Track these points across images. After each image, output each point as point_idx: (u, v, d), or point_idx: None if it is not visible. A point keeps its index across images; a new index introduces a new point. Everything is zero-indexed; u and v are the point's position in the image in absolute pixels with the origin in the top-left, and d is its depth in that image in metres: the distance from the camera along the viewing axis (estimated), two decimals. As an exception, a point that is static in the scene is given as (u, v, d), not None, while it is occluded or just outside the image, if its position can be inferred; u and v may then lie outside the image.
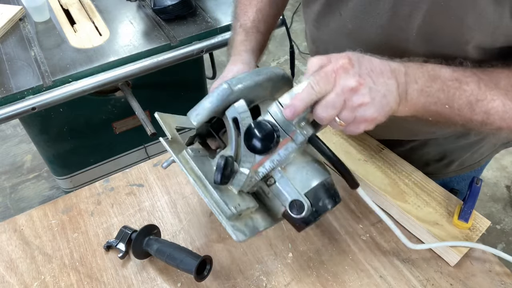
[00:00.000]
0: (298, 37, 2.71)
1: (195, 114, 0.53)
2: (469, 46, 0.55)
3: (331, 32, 0.71)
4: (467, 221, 0.65)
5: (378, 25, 0.61)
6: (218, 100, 0.51)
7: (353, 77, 0.48)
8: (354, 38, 0.66)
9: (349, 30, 0.66)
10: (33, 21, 1.22)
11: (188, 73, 1.39)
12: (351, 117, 0.49)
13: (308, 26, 0.78)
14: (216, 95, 0.51)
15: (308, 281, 0.63)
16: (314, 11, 0.72)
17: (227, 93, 0.51)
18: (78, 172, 1.43)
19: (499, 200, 1.95)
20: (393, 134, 0.82)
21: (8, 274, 0.66)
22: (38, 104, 1.02)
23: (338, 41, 0.70)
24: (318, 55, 0.80)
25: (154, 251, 0.64)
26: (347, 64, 0.48)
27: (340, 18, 0.67)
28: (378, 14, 0.60)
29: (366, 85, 0.48)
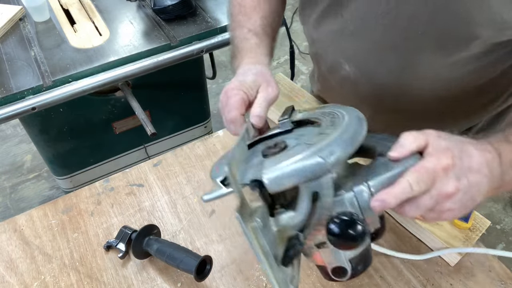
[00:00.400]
0: (298, 37, 2.71)
1: (274, 179, 0.43)
2: (476, 42, 0.55)
3: (331, 34, 0.71)
4: (467, 221, 0.65)
5: (382, 25, 0.61)
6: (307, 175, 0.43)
7: (452, 181, 0.44)
8: (357, 39, 0.66)
9: (351, 32, 0.66)
10: (33, 21, 1.22)
11: (188, 73, 1.39)
12: (433, 217, 0.46)
13: (307, 28, 0.78)
14: (307, 168, 0.43)
15: (308, 281, 0.63)
16: (314, 13, 0.72)
17: (322, 170, 0.43)
18: (78, 172, 1.43)
19: (499, 200, 1.94)
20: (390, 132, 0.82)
21: (8, 274, 0.66)
22: (38, 104, 1.02)
23: (339, 42, 0.70)
24: (318, 56, 0.80)
25: (154, 251, 0.64)
26: (450, 165, 0.44)
27: (342, 20, 0.66)
28: (381, 15, 0.60)
29: (462, 190, 0.44)
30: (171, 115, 1.47)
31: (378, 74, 0.68)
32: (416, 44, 0.59)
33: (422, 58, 0.61)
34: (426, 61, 0.61)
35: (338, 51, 0.71)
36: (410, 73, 0.64)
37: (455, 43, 0.56)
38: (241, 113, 0.58)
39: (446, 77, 0.63)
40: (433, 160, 0.43)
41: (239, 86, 0.59)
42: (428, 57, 0.60)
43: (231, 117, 0.58)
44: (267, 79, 0.62)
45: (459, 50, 0.57)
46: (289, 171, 0.43)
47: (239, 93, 0.59)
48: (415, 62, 0.62)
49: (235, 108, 0.58)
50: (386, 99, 0.72)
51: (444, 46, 0.58)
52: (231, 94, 0.59)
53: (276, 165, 0.44)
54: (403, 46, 0.61)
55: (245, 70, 0.64)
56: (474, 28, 0.53)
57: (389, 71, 0.66)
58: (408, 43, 0.60)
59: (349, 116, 0.50)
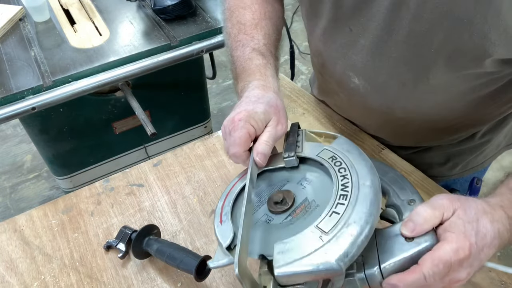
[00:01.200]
0: (298, 37, 2.71)
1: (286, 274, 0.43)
2: (490, 59, 0.54)
3: (339, 47, 0.69)
4: (467, 221, 0.65)
5: (394, 41, 0.60)
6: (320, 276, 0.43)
7: (466, 270, 0.45)
8: (367, 53, 0.64)
9: (362, 46, 0.64)
10: (33, 21, 1.22)
11: (188, 73, 1.39)
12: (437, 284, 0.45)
13: (312, 39, 0.76)
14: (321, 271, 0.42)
15: (308, 281, 0.63)
16: (319, 26, 0.70)
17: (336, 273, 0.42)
18: (78, 172, 1.43)
19: (499, 200, 1.94)
20: (397, 141, 0.82)
21: (8, 274, 0.66)
22: (38, 104, 1.02)
23: (348, 56, 0.68)
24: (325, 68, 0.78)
25: (154, 251, 0.63)
26: (466, 257, 0.44)
27: (350, 34, 0.65)
28: (394, 31, 0.59)
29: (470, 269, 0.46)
30: (171, 115, 1.47)
31: (389, 87, 0.67)
32: (429, 59, 0.58)
33: (435, 72, 0.60)
34: (439, 76, 0.60)
35: (347, 64, 0.70)
36: (422, 87, 0.63)
37: (468, 60, 0.56)
38: (245, 149, 0.56)
39: (458, 89, 0.63)
40: (450, 251, 0.43)
41: (247, 118, 0.56)
42: (441, 72, 0.59)
43: (234, 153, 0.56)
44: (278, 113, 0.59)
45: (472, 66, 0.57)
46: (301, 271, 0.42)
47: (245, 126, 0.55)
48: (428, 77, 0.61)
49: (239, 145, 0.55)
50: (396, 111, 0.70)
51: (457, 62, 0.57)
52: (238, 126, 0.55)
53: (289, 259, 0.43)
54: (416, 61, 0.60)
55: (255, 97, 0.59)
56: (488, 47, 0.52)
57: (402, 84, 0.65)
58: (420, 58, 0.59)
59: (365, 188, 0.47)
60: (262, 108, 0.57)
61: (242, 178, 0.60)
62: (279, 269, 0.43)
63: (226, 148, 0.58)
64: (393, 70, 0.64)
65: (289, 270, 0.42)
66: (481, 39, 0.52)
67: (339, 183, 0.49)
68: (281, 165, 0.58)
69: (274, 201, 0.53)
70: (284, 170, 0.59)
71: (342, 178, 0.49)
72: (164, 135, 1.52)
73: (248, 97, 0.60)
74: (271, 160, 0.58)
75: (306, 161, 0.58)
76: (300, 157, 0.58)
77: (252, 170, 0.55)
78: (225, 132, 0.58)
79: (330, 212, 0.45)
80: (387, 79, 0.66)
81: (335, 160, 0.53)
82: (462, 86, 0.62)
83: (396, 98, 0.68)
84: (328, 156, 0.55)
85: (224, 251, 0.50)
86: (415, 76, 0.63)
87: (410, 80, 0.64)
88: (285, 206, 0.52)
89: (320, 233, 0.44)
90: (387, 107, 0.71)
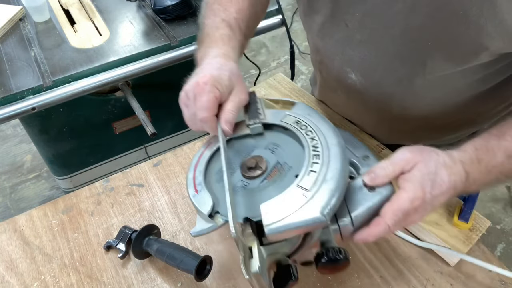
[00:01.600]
0: (298, 37, 2.71)
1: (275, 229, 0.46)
2: (486, 52, 0.54)
3: (336, 43, 0.69)
4: (467, 221, 0.65)
5: (390, 35, 0.60)
6: (306, 229, 0.47)
7: (420, 215, 0.50)
8: (364, 49, 0.65)
9: (358, 41, 0.64)
10: (33, 21, 1.22)
11: (188, 73, 1.38)
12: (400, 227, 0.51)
13: (311, 36, 0.76)
14: (309, 223, 0.46)
15: (308, 281, 0.63)
16: (317, 22, 0.70)
17: (321, 224, 0.46)
18: (78, 172, 1.43)
19: (499, 200, 1.94)
20: (394, 139, 0.82)
21: (8, 274, 0.66)
22: (38, 104, 1.02)
23: (345, 52, 0.68)
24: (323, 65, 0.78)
25: (154, 251, 0.64)
26: (421, 204, 0.49)
27: (347, 29, 0.65)
28: (390, 25, 0.59)
29: (426, 214, 0.51)
30: (171, 115, 1.46)
31: (386, 83, 0.67)
32: (425, 54, 0.59)
33: (431, 67, 0.60)
34: (435, 70, 0.60)
35: (344, 60, 0.70)
36: (418, 82, 0.64)
37: (464, 54, 0.56)
38: (214, 114, 0.56)
39: (455, 86, 0.63)
40: (406, 200, 0.48)
41: (213, 82, 0.55)
42: (437, 67, 0.60)
43: (203, 118, 0.55)
44: (240, 83, 0.59)
45: (468, 60, 0.57)
46: (290, 225, 0.46)
47: (212, 91, 0.55)
48: (424, 72, 0.61)
49: (208, 109, 0.54)
50: (393, 107, 0.71)
51: (453, 56, 0.57)
52: (204, 89, 0.55)
53: (278, 217, 0.46)
54: (412, 56, 0.60)
55: (219, 63, 0.59)
56: (484, 40, 0.52)
57: (398, 80, 0.66)
58: (417, 52, 0.59)
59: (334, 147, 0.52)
60: (227, 75, 0.57)
61: (208, 147, 0.60)
62: (270, 227, 0.46)
63: (190, 114, 0.57)
64: (389, 66, 0.64)
65: (279, 226, 0.46)
66: (477, 32, 0.52)
67: (309, 144, 0.53)
68: (246, 133, 0.60)
69: (247, 167, 0.55)
70: (249, 137, 0.61)
71: (311, 140, 0.54)
72: (164, 135, 1.52)
73: (210, 64, 0.59)
74: (235, 129, 0.59)
75: (270, 127, 0.60)
76: (264, 123, 0.60)
77: (222, 138, 0.56)
78: (188, 97, 0.56)
79: (308, 171, 0.50)
80: (383, 74, 0.66)
81: (300, 124, 0.57)
82: (458, 82, 0.62)
83: (393, 94, 0.69)
84: (292, 121, 0.58)
85: (206, 218, 0.52)
86: (411, 71, 0.63)
87: (406, 76, 0.64)
88: (259, 170, 0.55)
89: (302, 191, 0.48)
90: (384, 104, 0.71)
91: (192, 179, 0.57)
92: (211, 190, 0.55)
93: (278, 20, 1.24)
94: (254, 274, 0.45)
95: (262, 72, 2.54)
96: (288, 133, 0.58)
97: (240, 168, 0.56)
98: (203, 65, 0.60)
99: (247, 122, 0.60)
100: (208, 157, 0.59)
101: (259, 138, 0.60)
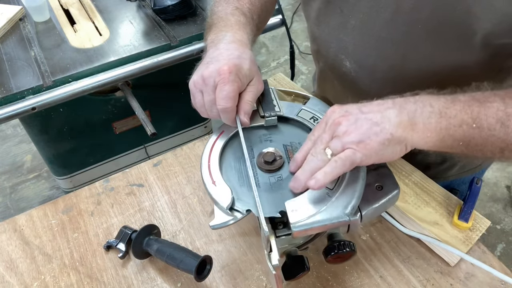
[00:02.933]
0: (298, 37, 2.71)
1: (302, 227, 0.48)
2: (476, 38, 0.54)
3: (332, 30, 0.69)
4: (467, 221, 0.65)
5: (382, 19, 0.60)
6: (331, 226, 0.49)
7: (339, 113, 0.49)
8: (358, 34, 0.65)
9: (352, 26, 0.65)
10: (33, 21, 1.22)
11: (188, 73, 1.39)
12: (339, 145, 0.48)
13: (309, 24, 0.77)
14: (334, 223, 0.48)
15: (308, 281, 0.63)
16: (314, 9, 0.71)
17: (345, 223, 0.49)
18: (78, 172, 1.43)
19: (499, 200, 1.94)
20: None
21: (8, 274, 0.66)
22: (38, 104, 1.02)
23: (340, 38, 0.69)
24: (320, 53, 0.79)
25: (154, 251, 0.63)
26: (335, 107, 0.50)
27: (341, 15, 0.65)
28: (382, 9, 0.59)
29: (353, 117, 0.48)
30: (171, 115, 1.47)
31: (378, 69, 0.68)
32: (416, 38, 0.58)
33: (423, 52, 0.59)
34: (427, 55, 0.60)
35: (339, 47, 0.70)
36: (411, 67, 0.63)
37: (455, 37, 0.56)
38: (235, 104, 0.55)
39: (448, 69, 0.62)
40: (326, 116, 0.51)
41: (236, 71, 0.54)
42: (429, 51, 0.59)
43: (225, 108, 0.54)
44: (258, 72, 0.58)
45: (460, 45, 0.56)
46: (316, 224, 0.48)
47: (236, 80, 0.54)
48: (416, 57, 0.61)
49: (231, 99, 0.54)
50: (387, 94, 0.71)
51: (445, 40, 0.57)
52: (228, 78, 0.53)
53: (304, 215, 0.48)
54: (404, 40, 0.60)
55: (237, 50, 0.56)
56: (473, 21, 0.52)
57: (390, 66, 0.66)
58: (408, 36, 0.59)
59: None
60: (248, 65, 0.56)
61: (220, 136, 0.60)
62: (296, 225, 0.47)
63: (207, 101, 0.55)
64: (382, 51, 0.64)
65: (306, 224, 0.47)
66: (465, 13, 0.52)
67: None
68: (260, 123, 0.60)
69: (264, 161, 0.56)
70: (262, 128, 0.61)
71: None
72: (164, 135, 1.52)
73: (228, 50, 0.56)
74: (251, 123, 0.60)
75: (284, 120, 0.61)
76: (279, 116, 0.60)
77: (241, 130, 0.57)
78: (206, 83, 0.55)
79: None
80: (376, 60, 0.66)
81: (317, 120, 0.58)
82: (452, 65, 0.61)
83: (386, 81, 0.68)
84: (309, 117, 0.59)
85: (226, 212, 0.52)
86: (403, 57, 0.62)
87: (399, 62, 0.64)
88: (276, 165, 0.56)
89: (326, 190, 0.50)
90: (377, 91, 0.71)
91: (207, 168, 0.56)
92: (229, 180, 0.55)
93: (278, 20, 1.24)
94: (274, 267, 0.47)
95: (262, 72, 2.54)
96: (303, 128, 0.58)
97: (257, 164, 0.57)
98: (220, 50, 0.57)
99: (262, 113, 0.59)
100: (221, 147, 0.59)
101: (272, 129, 0.60)
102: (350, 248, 0.51)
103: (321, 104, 0.61)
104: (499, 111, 0.47)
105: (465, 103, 0.48)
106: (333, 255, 0.51)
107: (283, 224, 0.51)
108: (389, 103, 0.49)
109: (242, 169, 0.57)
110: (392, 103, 0.49)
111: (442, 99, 0.49)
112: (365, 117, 0.48)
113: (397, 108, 0.48)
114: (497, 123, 0.47)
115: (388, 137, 0.47)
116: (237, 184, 0.55)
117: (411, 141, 0.48)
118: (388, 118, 0.48)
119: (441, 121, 0.47)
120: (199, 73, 0.56)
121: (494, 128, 0.47)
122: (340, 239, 0.52)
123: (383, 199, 0.53)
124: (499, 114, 0.47)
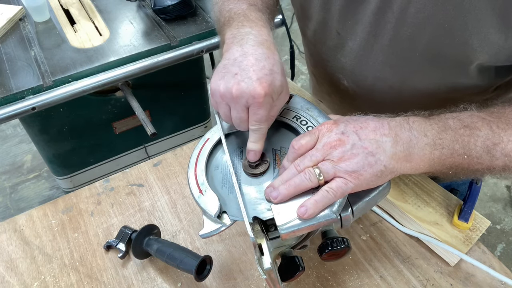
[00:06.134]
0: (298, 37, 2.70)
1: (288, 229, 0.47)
2: (472, 66, 0.55)
3: (328, 50, 0.69)
4: (467, 221, 0.65)
5: (380, 45, 0.60)
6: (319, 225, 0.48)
7: (336, 135, 0.48)
8: (355, 57, 0.65)
9: (350, 48, 0.65)
10: (33, 21, 1.22)
11: (188, 73, 1.39)
12: (331, 171, 0.47)
13: (305, 41, 0.76)
14: (321, 223, 0.47)
15: (308, 281, 0.63)
16: (310, 29, 0.70)
17: (333, 221, 0.48)
18: (78, 172, 1.43)
19: (499, 200, 1.94)
20: None
21: (8, 274, 0.66)
22: (38, 104, 1.02)
23: (337, 58, 0.68)
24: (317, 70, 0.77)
25: (154, 251, 0.63)
26: (332, 125, 0.49)
27: (338, 37, 0.65)
28: (379, 35, 0.59)
29: (349, 143, 0.47)
30: (171, 115, 1.46)
31: (377, 90, 0.68)
32: (414, 64, 0.59)
33: (421, 76, 0.60)
34: (425, 79, 0.61)
35: (337, 66, 0.70)
36: (409, 89, 0.64)
37: (451, 66, 0.57)
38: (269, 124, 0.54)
39: (446, 90, 0.63)
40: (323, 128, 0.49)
41: (271, 93, 0.50)
42: (427, 76, 0.60)
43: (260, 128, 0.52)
44: (287, 84, 0.54)
45: (457, 71, 0.57)
46: (303, 225, 0.47)
47: (269, 102, 0.50)
48: (414, 80, 0.62)
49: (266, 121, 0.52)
50: (385, 112, 0.71)
51: (442, 67, 0.58)
52: (262, 102, 0.49)
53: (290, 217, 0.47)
54: (402, 65, 0.61)
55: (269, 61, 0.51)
56: (470, 53, 0.53)
57: (389, 87, 0.66)
58: (406, 62, 0.60)
59: None
60: (280, 80, 0.51)
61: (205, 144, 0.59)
62: (283, 227, 0.47)
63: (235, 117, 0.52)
64: (379, 74, 0.65)
65: (293, 226, 0.47)
66: (462, 45, 0.52)
67: None
68: None
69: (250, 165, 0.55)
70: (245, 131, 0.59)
71: None
72: (164, 135, 1.52)
73: (258, 60, 0.50)
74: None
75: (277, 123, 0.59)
76: None
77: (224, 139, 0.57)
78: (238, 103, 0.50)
79: None
80: (374, 82, 0.67)
81: (300, 119, 0.57)
82: (448, 88, 0.62)
83: (384, 100, 0.69)
84: (292, 116, 0.57)
85: (215, 220, 0.52)
86: (401, 80, 0.63)
87: (397, 84, 0.64)
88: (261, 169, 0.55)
89: (312, 190, 0.48)
90: (375, 110, 0.71)
91: (194, 178, 0.56)
92: (214, 188, 0.55)
93: (278, 20, 1.24)
94: (266, 270, 0.46)
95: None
96: (288, 128, 0.58)
97: (243, 168, 0.56)
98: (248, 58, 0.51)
99: None
100: (206, 154, 0.58)
101: None
102: (344, 244, 0.51)
103: (303, 101, 0.59)
104: (487, 141, 0.48)
105: (456, 132, 0.49)
106: (328, 252, 0.51)
107: (275, 226, 0.51)
108: (385, 128, 0.48)
109: (228, 175, 0.57)
110: (388, 129, 0.48)
111: (435, 127, 0.49)
112: (361, 145, 0.47)
113: (392, 136, 0.48)
114: (483, 152, 0.48)
115: (381, 169, 0.47)
116: (226, 192, 0.54)
117: (403, 171, 0.49)
118: (383, 148, 0.47)
119: (435, 152, 0.48)
120: (227, 86, 0.50)
121: (481, 156, 0.48)
122: (333, 236, 0.52)
123: (374, 192, 0.52)
124: (486, 143, 0.48)
